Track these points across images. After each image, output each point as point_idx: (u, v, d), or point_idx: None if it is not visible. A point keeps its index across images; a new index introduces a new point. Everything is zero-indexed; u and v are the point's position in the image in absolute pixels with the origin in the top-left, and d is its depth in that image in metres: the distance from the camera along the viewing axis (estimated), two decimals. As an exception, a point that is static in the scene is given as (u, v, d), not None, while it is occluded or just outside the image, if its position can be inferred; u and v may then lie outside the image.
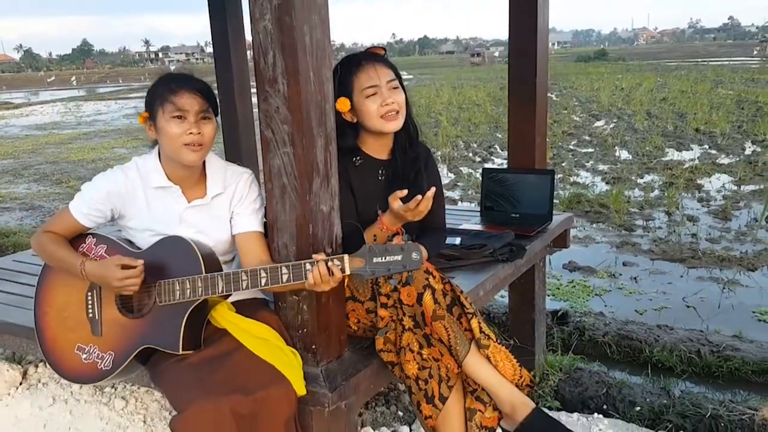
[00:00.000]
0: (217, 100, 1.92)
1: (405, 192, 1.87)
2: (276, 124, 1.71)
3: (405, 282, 1.78)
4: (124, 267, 1.76)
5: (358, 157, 2.13)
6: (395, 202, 1.87)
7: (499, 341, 1.93)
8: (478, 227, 3.06)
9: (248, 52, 4.13)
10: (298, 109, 1.67)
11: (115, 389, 2.70)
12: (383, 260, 1.60)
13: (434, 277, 1.90)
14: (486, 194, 3.32)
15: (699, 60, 53.63)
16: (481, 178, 3.40)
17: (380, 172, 2.16)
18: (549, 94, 21.29)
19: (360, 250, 1.64)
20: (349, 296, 2.01)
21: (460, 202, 7.48)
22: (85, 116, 24.72)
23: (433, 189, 1.87)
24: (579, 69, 42.64)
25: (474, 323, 1.88)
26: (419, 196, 1.84)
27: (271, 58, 1.67)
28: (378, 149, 2.17)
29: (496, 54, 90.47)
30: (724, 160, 9.41)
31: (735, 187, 7.71)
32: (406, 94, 2.10)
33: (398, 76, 2.09)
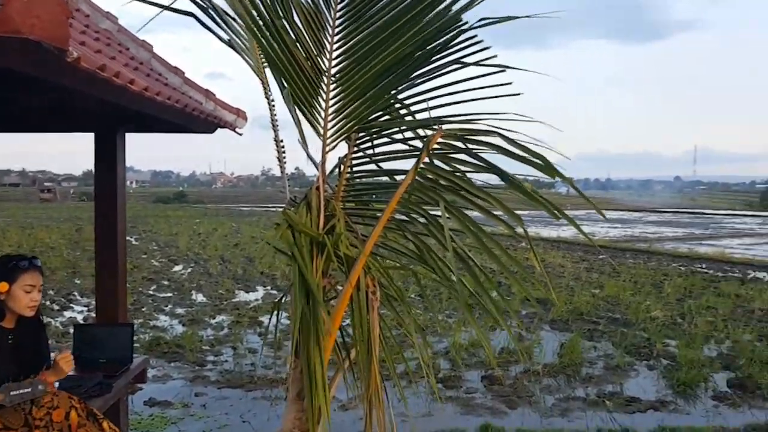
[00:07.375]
0: None
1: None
2: None
3: (56, 407, 2.69)
4: None
5: None
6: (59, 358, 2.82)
7: None
8: (73, 372, 3.76)
9: None
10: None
11: None
12: (18, 392, 2.44)
13: (76, 401, 2.83)
14: (77, 345, 4.04)
15: (270, 206, 61.00)
16: (73, 333, 4.12)
17: (9, 337, 2.88)
18: (129, 238, 21.92)
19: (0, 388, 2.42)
20: (2, 428, 2.64)
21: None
22: None
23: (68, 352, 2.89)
24: (159, 211, 44.27)
25: (105, 424, 2.87)
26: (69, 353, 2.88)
27: None
28: (8, 321, 2.92)
29: (71, 191, 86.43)
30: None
31: (287, 321, 9.64)
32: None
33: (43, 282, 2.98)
